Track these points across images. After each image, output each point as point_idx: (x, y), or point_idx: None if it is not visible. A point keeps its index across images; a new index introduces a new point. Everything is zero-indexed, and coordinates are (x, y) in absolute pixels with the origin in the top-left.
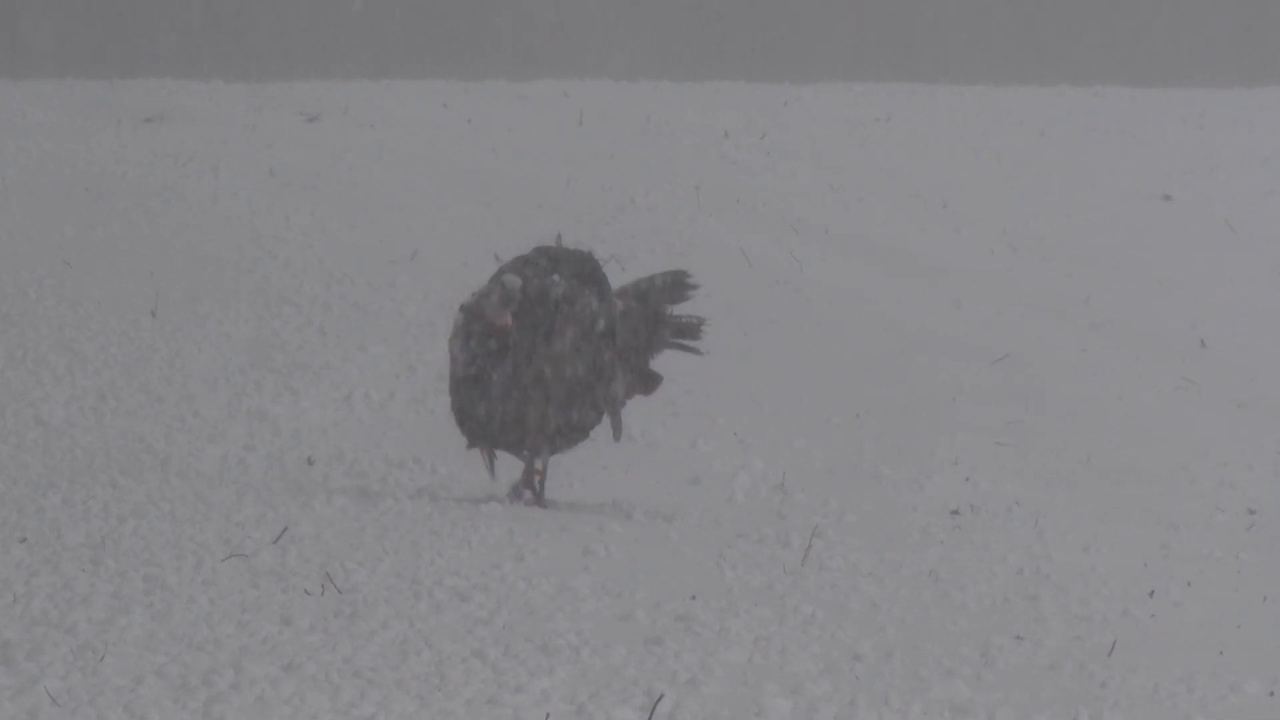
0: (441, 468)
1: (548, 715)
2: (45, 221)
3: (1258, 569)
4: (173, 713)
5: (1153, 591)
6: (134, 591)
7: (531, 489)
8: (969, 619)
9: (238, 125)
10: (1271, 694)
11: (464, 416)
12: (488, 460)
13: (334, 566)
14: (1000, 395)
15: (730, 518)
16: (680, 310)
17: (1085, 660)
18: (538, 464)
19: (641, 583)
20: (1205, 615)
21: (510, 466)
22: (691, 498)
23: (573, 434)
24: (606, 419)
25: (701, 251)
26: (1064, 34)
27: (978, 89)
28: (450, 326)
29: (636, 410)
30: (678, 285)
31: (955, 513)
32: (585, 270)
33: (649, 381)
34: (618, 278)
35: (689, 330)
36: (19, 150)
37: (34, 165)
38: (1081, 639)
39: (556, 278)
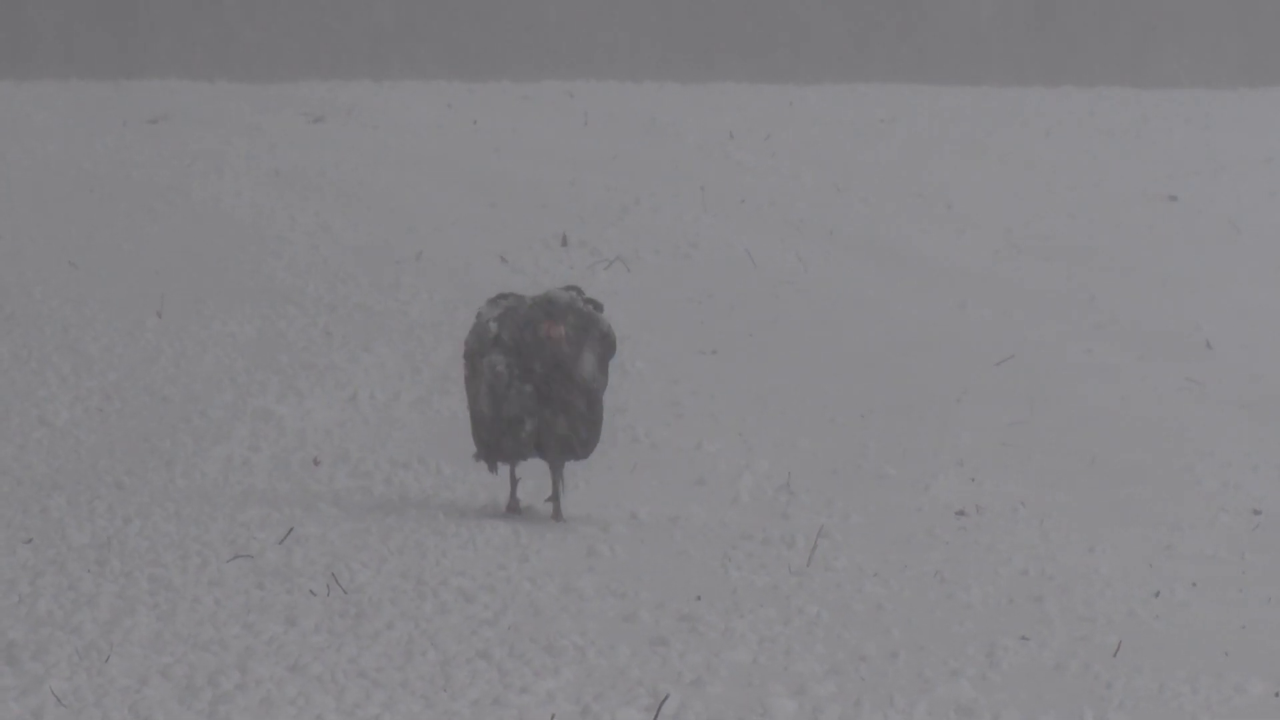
0: (446, 468)
1: (553, 716)
2: (50, 222)
3: (1263, 570)
4: (178, 713)
5: (1158, 592)
6: (139, 592)
7: (556, 502)
8: (974, 620)
9: (242, 126)
10: (1277, 694)
11: (508, 430)
12: (511, 475)
13: (339, 567)
14: (1005, 396)
15: (735, 518)
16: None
17: (1090, 661)
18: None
19: (646, 583)
20: (1210, 616)
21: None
22: (696, 498)
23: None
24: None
25: (706, 252)
26: (1068, 35)
27: (982, 89)
28: (472, 347)
29: (641, 411)
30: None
31: (960, 513)
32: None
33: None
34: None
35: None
36: (23, 151)
37: (38, 166)
38: (1086, 640)
39: (575, 291)
